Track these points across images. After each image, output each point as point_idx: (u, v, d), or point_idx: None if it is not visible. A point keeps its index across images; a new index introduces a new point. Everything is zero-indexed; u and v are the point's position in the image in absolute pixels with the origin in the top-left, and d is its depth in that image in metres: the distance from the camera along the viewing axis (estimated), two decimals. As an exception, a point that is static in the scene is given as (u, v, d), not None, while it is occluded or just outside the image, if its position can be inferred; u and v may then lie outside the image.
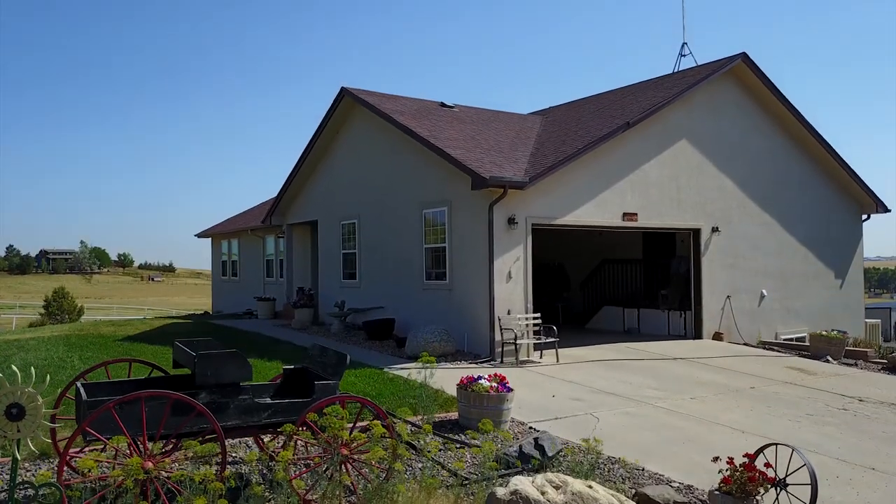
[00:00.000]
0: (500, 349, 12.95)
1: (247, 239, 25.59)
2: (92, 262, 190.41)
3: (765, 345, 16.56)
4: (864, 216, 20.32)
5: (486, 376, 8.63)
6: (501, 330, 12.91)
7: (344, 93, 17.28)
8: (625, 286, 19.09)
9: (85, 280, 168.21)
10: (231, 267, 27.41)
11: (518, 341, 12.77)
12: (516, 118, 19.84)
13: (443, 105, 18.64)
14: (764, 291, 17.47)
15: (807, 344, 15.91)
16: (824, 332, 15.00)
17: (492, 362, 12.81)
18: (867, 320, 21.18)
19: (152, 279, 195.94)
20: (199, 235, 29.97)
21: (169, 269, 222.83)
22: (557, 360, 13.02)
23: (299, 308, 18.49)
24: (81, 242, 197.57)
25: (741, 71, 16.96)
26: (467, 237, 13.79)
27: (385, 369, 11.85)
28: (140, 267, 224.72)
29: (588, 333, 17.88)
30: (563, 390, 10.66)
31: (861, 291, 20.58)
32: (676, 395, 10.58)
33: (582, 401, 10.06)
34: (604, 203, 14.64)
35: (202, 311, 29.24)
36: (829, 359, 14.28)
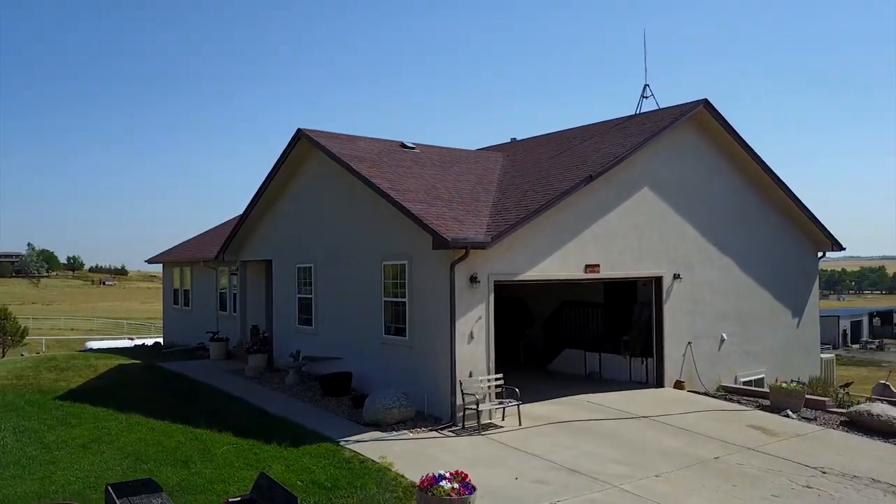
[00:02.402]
0: (461, 413, 12.58)
1: (200, 269, 24.74)
2: (40, 265, 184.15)
3: (725, 392, 16.54)
4: (820, 254, 20.58)
5: (448, 475, 8.25)
6: (463, 395, 12.54)
7: (300, 134, 16.70)
8: (586, 329, 18.92)
9: (32, 284, 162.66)
10: (183, 296, 26.49)
11: (480, 407, 12.41)
12: (476, 158, 19.50)
13: (403, 146, 18.20)
14: (724, 335, 17.48)
15: (766, 391, 15.92)
16: (784, 384, 15.00)
17: (453, 427, 12.44)
18: (822, 355, 21.47)
19: (103, 283, 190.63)
20: (150, 261, 28.96)
21: (121, 273, 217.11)
22: (520, 423, 12.72)
23: (253, 354, 17.84)
24: (28, 245, 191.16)
25: (702, 116, 16.93)
26: (428, 294, 13.39)
27: (341, 443, 11.37)
28: (91, 270, 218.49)
29: (550, 378, 17.67)
30: (526, 469, 10.34)
31: (817, 329, 20.82)
32: (641, 472, 10.35)
33: (545, 484, 9.76)
34: (566, 256, 14.39)
35: (153, 343, 28.19)
36: (790, 412, 14.28)
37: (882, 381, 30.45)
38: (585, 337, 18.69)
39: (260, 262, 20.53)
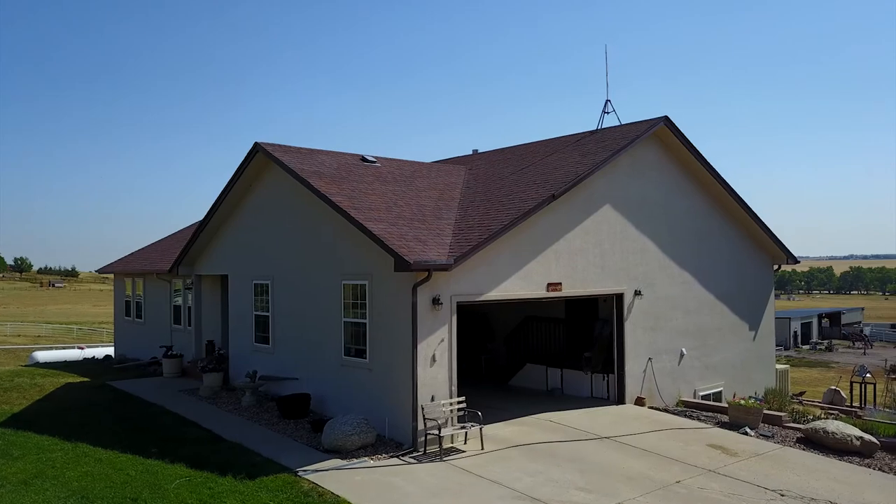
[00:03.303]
0: (423, 438, 12.36)
1: (153, 281, 23.99)
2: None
3: (685, 407, 16.67)
4: (775, 267, 20.93)
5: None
6: (425, 420, 12.31)
7: (257, 148, 16.25)
8: (548, 344, 18.89)
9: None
10: (136, 308, 25.67)
11: (442, 432, 12.21)
12: (438, 172, 19.28)
13: (364, 160, 17.87)
14: (683, 350, 17.61)
15: (725, 406, 16.08)
16: (742, 401, 15.15)
17: (414, 453, 12.21)
18: (777, 366, 21.85)
19: (53, 285, 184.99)
20: (101, 271, 28.01)
21: (72, 274, 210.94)
22: (482, 447, 12.55)
23: (208, 373, 17.32)
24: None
25: (663, 133, 17.02)
26: (389, 315, 13.13)
27: (300, 473, 11.03)
28: (40, 272, 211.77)
29: (512, 395, 17.58)
30: (490, 499, 10.15)
31: (773, 341, 21.18)
32: (605, 500, 10.27)
33: (509, 516, 9.59)
34: (529, 275, 14.28)
35: (104, 356, 27.24)
36: (748, 430, 14.42)
37: (832, 388, 31.21)
38: (547, 352, 18.66)
39: (216, 277, 19.98)
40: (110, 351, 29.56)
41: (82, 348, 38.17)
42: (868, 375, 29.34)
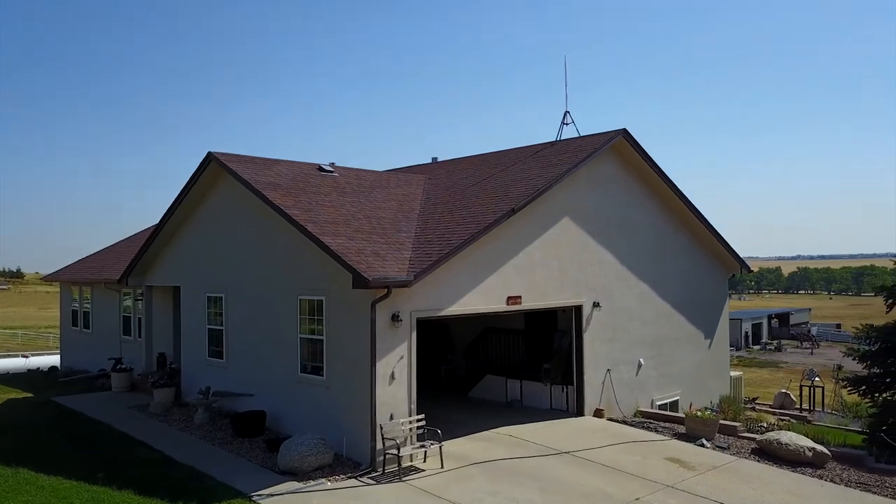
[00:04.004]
0: (381, 458, 12.14)
1: (101, 290, 23.19)
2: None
3: (643, 417, 16.79)
4: (730, 276, 21.30)
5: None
6: (384, 439, 12.10)
7: (210, 158, 15.80)
8: (508, 356, 18.85)
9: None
10: (83, 318, 24.79)
11: (401, 452, 12.01)
12: (398, 182, 19.05)
13: (321, 169, 17.54)
14: (641, 360, 17.75)
15: (682, 416, 16.25)
16: (699, 413, 15.32)
17: (373, 474, 11.98)
18: (731, 374, 22.23)
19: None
20: (47, 279, 27.00)
21: (16, 276, 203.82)
22: (442, 465, 12.38)
23: (160, 388, 16.79)
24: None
25: (621, 146, 17.12)
26: (347, 332, 12.87)
27: (253, 497, 10.72)
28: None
29: (471, 406, 17.47)
30: (450, 523, 10.01)
31: (727, 348, 21.55)
32: (565, 521, 10.21)
33: (470, 541, 9.45)
34: (489, 288, 14.19)
35: (49, 368, 26.22)
36: (704, 442, 14.57)
37: (783, 391, 32.00)
38: (507, 364, 18.62)
39: (168, 288, 19.39)
40: (56, 360, 28.47)
41: (26, 356, 36.67)
42: (817, 379, 30.13)
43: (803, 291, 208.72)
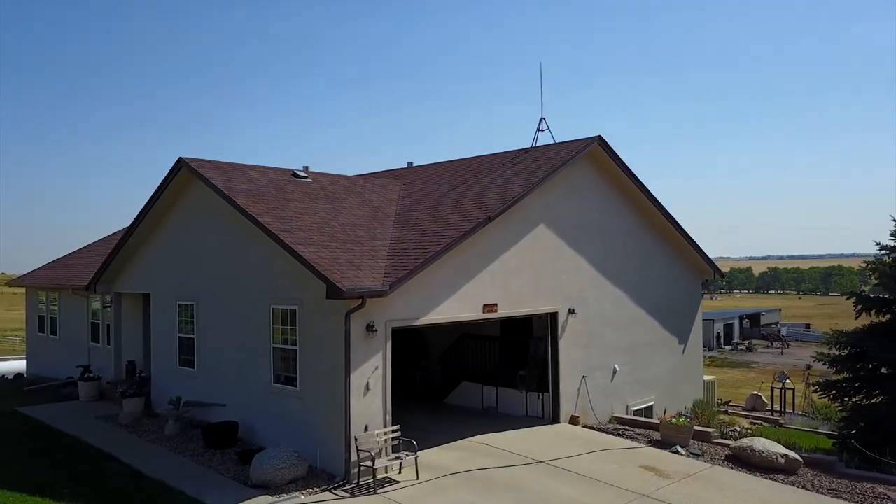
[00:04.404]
0: (356, 470, 12.00)
1: (69, 296, 22.66)
2: None
3: (618, 423, 16.84)
4: (703, 281, 21.48)
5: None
6: (358, 451, 11.95)
7: (181, 163, 15.49)
8: (484, 362, 18.79)
9: None
10: (50, 324, 24.22)
11: (376, 464, 11.86)
12: (373, 187, 18.87)
13: (295, 175, 17.31)
14: (616, 366, 17.80)
15: (657, 422, 16.33)
16: (673, 420, 15.39)
17: (347, 486, 11.83)
18: (705, 378, 22.42)
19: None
20: (12, 284, 26.35)
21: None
22: (417, 476, 12.26)
23: (129, 398, 16.44)
24: None
25: (596, 152, 17.15)
26: (321, 342, 12.68)
27: (226, 513, 10.51)
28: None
29: (447, 414, 17.39)
30: (426, 538, 9.89)
31: (700, 353, 21.72)
32: (541, 534, 10.15)
33: (446, 556, 9.34)
34: (465, 297, 14.10)
35: (14, 375, 25.55)
36: (679, 449, 14.63)
37: (754, 393, 32.39)
38: (483, 370, 18.56)
39: (137, 294, 18.99)
40: (22, 365, 27.79)
41: (-8, 362, 35.85)
42: (787, 381, 30.57)
43: (773, 291, 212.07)
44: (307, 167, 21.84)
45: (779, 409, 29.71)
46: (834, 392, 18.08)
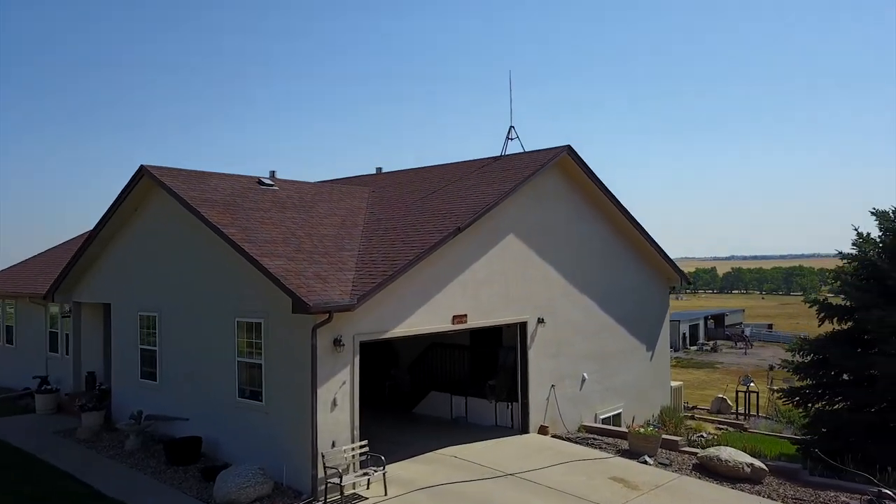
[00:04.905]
0: (323, 486, 11.77)
1: (26, 304, 21.97)
2: None
3: (587, 432, 16.86)
4: (671, 288, 21.67)
5: None
6: (325, 467, 11.73)
7: (143, 171, 15.08)
8: (453, 372, 18.67)
9: None
10: (6, 332, 23.46)
11: (343, 480, 11.66)
12: (341, 195, 18.61)
13: (261, 183, 16.98)
14: (585, 375, 17.83)
15: (625, 430, 16.39)
16: (641, 429, 15.44)
17: (313, 503, 11.61)
18: (672, 383, 22.61)
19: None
20: (-35, 291, 25.41)
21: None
22: (386, 492, 12.08)
23: (88, 412, 15.96)
24: None
25: (565, 162, 17.15)
26: (287, 356, 12.43)
27: (189, 536, 10.22)
28: None
29: (416, 424, 17.23)
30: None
31: (668, 358, 21.90)
32: (511, 551, 10.05)
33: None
34: (434, 308, 13.96)
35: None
36: (647, 459, 14.69)
37: (720, 396, 32.87)
38: (452, 380, 18.43)
39: (98, 305, 18.47)
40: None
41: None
42: (752, 384, 31.07)
43: (737, 291, 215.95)
44: (273, 172, 21.54)
45: (743, 412, 30.22)
46: (798, 399, 18.35)
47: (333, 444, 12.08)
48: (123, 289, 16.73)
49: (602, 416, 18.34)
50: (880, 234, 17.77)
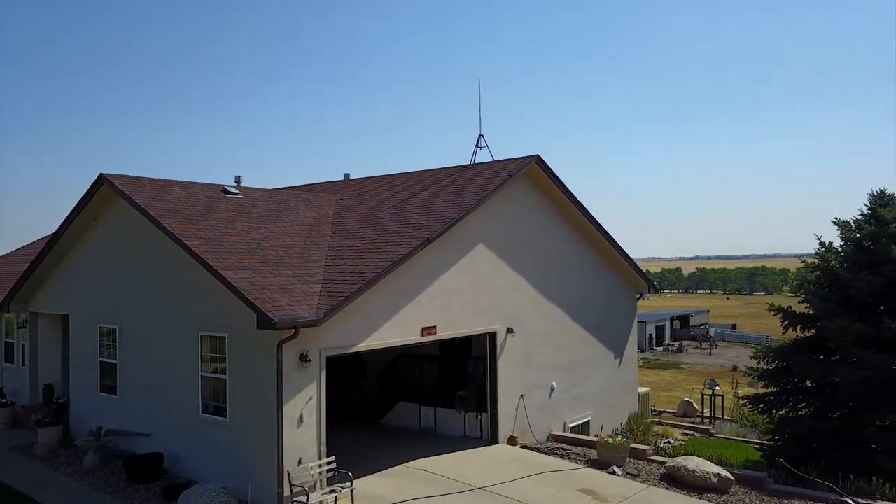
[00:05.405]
0: (289, 505, 11.55)
1: (-20, 313, 21.23)
2: None
3: (556, 442, 16.86)
4: (638, 295, 21.81)
5: None
6: (291, 486, 11.50)
7: (102, 180, 14.65)
8: (422, 382, 18.53)
9: None
10: (-42, 342, 22.65)
11: (310, 499, 11.44)
12: (307, 203, 18.32)
13: (225, 191, 16.63)
14: (554, 384, 17.83)
15: (594, 440, 16.43)
16: (610, 440, 15.47)
17: (280, 523, 11.38)
18: (640, 390, 22.77)
19: None
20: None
21: None
22: (353, 509, 11.92)
23: (45, 427, 15.46)
24: None
25: (534, 171, 17.12)
26: (252, 372, 12.15)
27: (149, 561, 9.91)
28: None
29: (384, 435, 17.05)
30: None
31: (636, 365, 22.05)
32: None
33: None
34: (403, 320, 13.81)
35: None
36: (615, 469, 14.72)
37: (685, 399, 33.21)
38: (421, 390, 18.30)
39: (56, 315, 17.91)
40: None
41: None
42: (717, 388, 31.46)
43: (702, 291, 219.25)
44: (239, 177, 21.13)
45: (709, 415, 30.60)
46: (762, 405, 18.60)
47: (300, 462, 11.85)
48: (82, 299, 16.24)
49: (571, 425, 18.37)
50: (842, 243, 18.10)
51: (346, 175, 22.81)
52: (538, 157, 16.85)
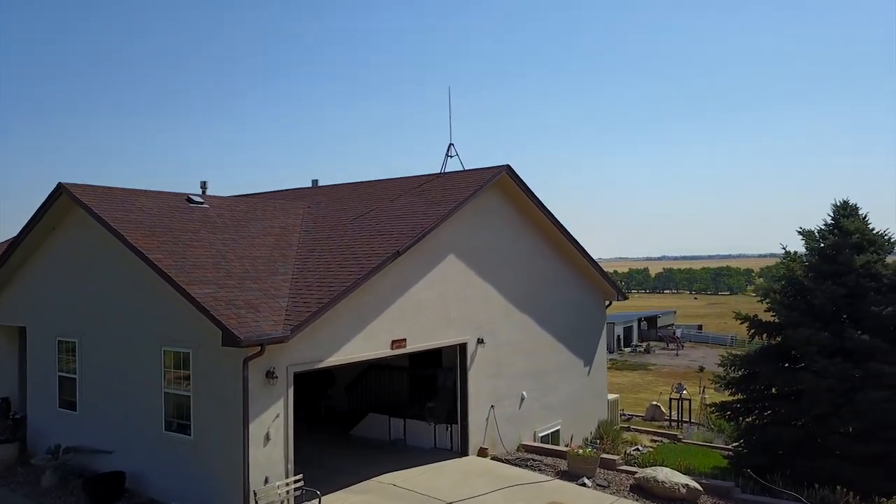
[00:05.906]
0: (256, 526, 11.30)
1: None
2: None
3: (526, 452, 16.82)
4: (607, 303, 21.91)
5: None
6: (258, 506, 11.26)
7: (61, 190, 14.19)
8: (391, 393, 18.35)
9: None
10: (-90, 353, 21.82)
11: (277, 520, 11.22)
12: (275, 212, 18.01)
13: (190, 200, 16.26)
14: (524, 394, 17.79)
15: (564, 450, 16.42)
16: (580, 451, 15.46)
17: (246, 544, 11.12)
18: (609, 396, 22.87)
19: None
20: None
21: None
22: (322, 528, 11.72)
23: (1, 444, 14.94)
24: None
25: (504, 181, 17.06)
26: (217, 389, 11.87)
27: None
28: None
29: (353, 447, 16.85)
30: None
31: (605, 373, 22.13)
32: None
33: None
34: (373, 334, 13.63)
35: None
36: (586, 480, 14.71)
37: (653, 403, 33.56)
38: (390, 401, 18.12)
39: (12, 328, 17.34)
40: None
41: None
42: (685, 392, 31.84)
43: (668, 291, 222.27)
44: (205, 182, 20.71)
45: (677, 418, 30.96)
46: (729, 413, 18.80)
47: (266, 480, 11.61)
48: (40, 312, 15.73)
49: (541, 434, 18.36)
50: (806, 252, 18.38)
51: (315, 181, 22.51)
52: (508, 166, 16.80)
